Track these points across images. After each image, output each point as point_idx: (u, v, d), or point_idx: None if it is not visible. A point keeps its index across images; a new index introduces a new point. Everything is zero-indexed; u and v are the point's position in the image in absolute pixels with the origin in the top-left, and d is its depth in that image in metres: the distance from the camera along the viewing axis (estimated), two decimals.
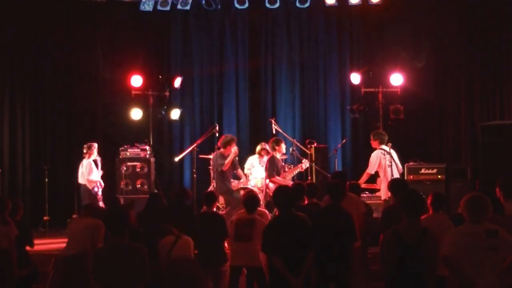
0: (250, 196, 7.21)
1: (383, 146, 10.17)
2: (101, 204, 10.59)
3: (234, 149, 10.27)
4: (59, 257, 7.09)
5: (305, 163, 10.68)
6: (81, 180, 10.87)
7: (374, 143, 10.34)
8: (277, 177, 10.09)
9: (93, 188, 10.76)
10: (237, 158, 10.58)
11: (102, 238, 6.76)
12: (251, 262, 6.77)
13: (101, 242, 6.69)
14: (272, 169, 10.11)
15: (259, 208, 7.65)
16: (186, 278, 6.41)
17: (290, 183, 9.94)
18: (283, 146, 10.42)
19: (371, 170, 10.23)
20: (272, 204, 10.01)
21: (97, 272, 4.74)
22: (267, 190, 10.12)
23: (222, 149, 10.30)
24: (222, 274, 7.08)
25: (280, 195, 5.86)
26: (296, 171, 10.58)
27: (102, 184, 10.95)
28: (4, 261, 6.82)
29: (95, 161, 10.93)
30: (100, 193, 10.86)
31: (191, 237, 6.84)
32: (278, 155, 10.33)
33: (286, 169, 10.56)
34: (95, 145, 11.00)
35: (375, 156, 10.18)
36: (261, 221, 6.93)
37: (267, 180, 10.15)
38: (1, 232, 6.87)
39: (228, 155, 10.21)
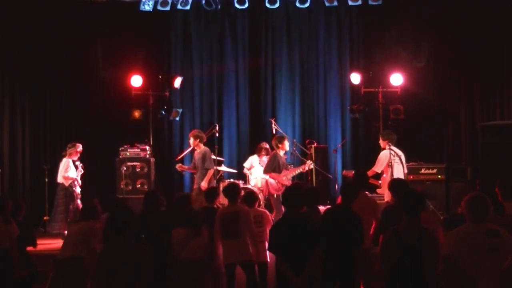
0: (230, 186, 7.16)
1: (393, 147, 10.08)
2: (79, 202, 10.44)
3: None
4: (57, 260, 7.08)
5: (309, 165, 10.42)
6: (59, 178, 10.71)
7: (383, 143, 10.23)
8: (274, 173, 9.99)
9: (70, 186, 10.58)
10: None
11: (99, 240, 6.59)
12: (243, 257, 6.77)
13: (100, 244, 6.55)
14: (271, 165, 10.05)
15: (259, 209, 7.65)
16: (191, 282, 6.31)
17: (287, 182, 9.92)
18: (286, 144, 10.27)
19: (377, 168, 10.11)
20: (270, 203, 10.06)
21: (100, 271, 4.73)
22: (268, 186, 10.09)
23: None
24: (218, 272, 6.95)
25: (289, 196, 5.87)
26: (298, 171, 10.28)
27: (80, 182, 10.70)
28: (5, 261, 6.82)
29: (75, 164, 10.69)
30: (78, 191, 10.62)
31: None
32: (282, 153, 10.21)
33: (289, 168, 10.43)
34: (79, 146, 10.78)
35: (383, 156, 10.06)
36: (246, 212, 6.88)
37: (268, 176, 10.10)
38: (3, 232, 6.87)
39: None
